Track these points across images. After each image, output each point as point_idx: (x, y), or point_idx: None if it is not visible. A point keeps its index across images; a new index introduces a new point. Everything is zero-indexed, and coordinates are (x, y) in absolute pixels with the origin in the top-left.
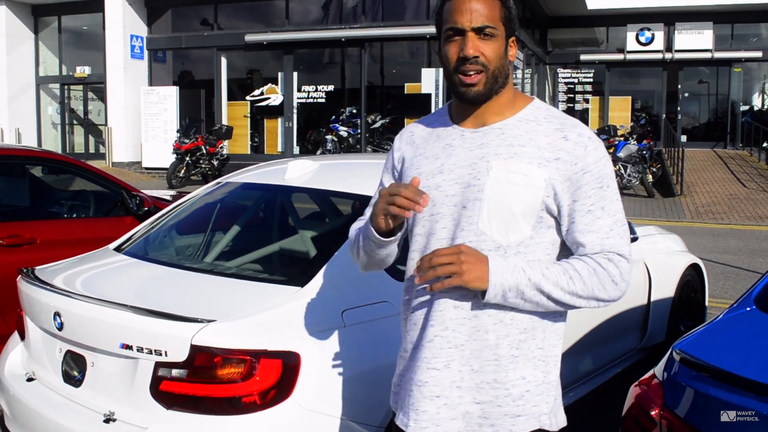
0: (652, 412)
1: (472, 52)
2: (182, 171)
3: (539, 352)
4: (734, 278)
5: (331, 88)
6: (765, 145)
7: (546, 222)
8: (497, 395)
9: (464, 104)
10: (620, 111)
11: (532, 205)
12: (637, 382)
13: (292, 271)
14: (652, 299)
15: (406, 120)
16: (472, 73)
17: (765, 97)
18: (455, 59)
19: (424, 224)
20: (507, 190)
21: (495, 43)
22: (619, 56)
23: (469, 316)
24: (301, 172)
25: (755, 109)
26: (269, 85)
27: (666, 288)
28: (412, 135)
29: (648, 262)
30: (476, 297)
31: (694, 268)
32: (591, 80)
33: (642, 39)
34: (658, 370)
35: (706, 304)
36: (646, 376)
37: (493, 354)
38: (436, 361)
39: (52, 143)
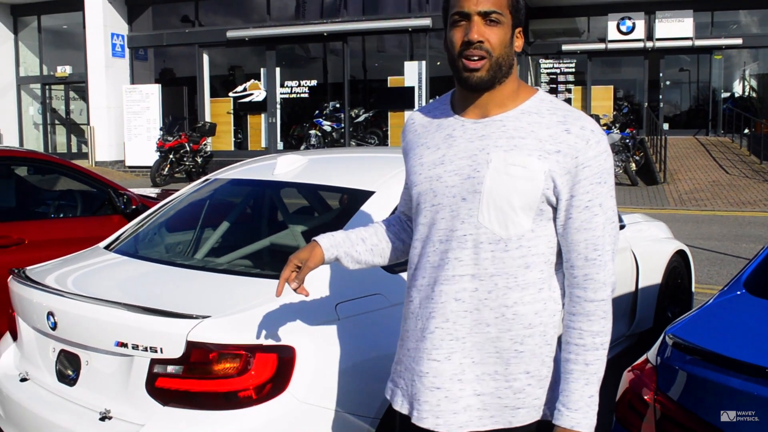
0: (646, 396)
1: (477, 36)
2: (166, 169)
3: (548, 349)
4: (719, 264)
5: (314, 82)
6: (746, 131)
7: (547, 214)
8: (497, 387)
9: (467, 92)
10: (602, 100)
11: (531, 197)
12: (630, 368)
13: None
14: (640, 286)
15: (389, 113)
16: (475, 57)
17: (746, 83)
18: (460, 44)
19: (426, 214)
20: (506, 182)
21: (500, 31)
22: (601, 46)
23: (470, 309)
24: (291, 167)
25: (736, 96)
26: (252, 81)
27: (653, 275)
28: (413, 123)
29: (635, 250)
30: (476, 291)
31: (680, 255)
32: (573, 70)
33: (623, 28)
34: (651, 354)
35: (693, 290)
36: (639, 360)
37: (495, 347)
38: (437, 353)
39: (34, 143)
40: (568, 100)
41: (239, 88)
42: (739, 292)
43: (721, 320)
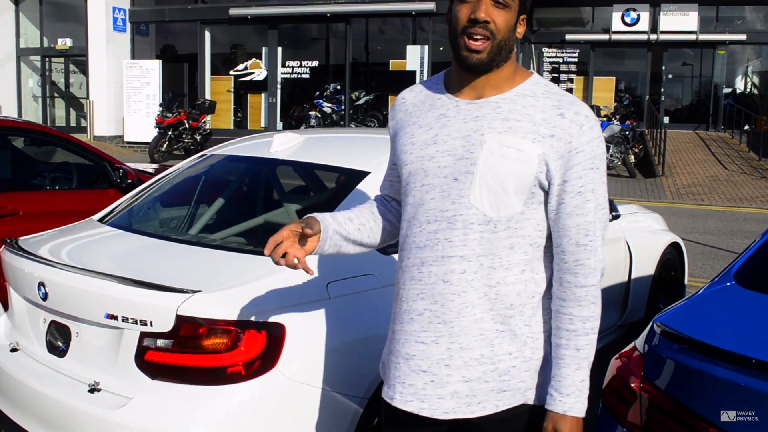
0: (632, 384)
1: (484, 15)
2: (165, 145)
3: (527, 330)
4: (713, 258)
5: (315, 63)
6: (747, 127)
7: (537, 198)
8: (484, 371)
9: (464, 72)
10: (604, 91)
11: (524, 180)
12: (617, 355)
13: None
14: (633, 276)
15: (390, 97)
16: (479, 37)
17: (748, 79)
18: (465, 20)
19: (414, 194)
20: (500, 164)
21: (507, 14)
22: (605, 36)
23: (458, 292)
24: (287, 145)
25: (738, 92)
26: (253, 59)
27: (646, 266)
28: (404, 102)
29: (629, 240)
30: (464, 273)
31: (674, 247)
32: (576, 60)
33: (627, 19)
34: (639, 342)
35: (686, 282)
36: (627, 348)
37: (479, 328)
38: (425, 335)
39: (33, 116)
40: (570, 90)
41: (240, 67)
42: (728, 284)
43: (710, 311)
